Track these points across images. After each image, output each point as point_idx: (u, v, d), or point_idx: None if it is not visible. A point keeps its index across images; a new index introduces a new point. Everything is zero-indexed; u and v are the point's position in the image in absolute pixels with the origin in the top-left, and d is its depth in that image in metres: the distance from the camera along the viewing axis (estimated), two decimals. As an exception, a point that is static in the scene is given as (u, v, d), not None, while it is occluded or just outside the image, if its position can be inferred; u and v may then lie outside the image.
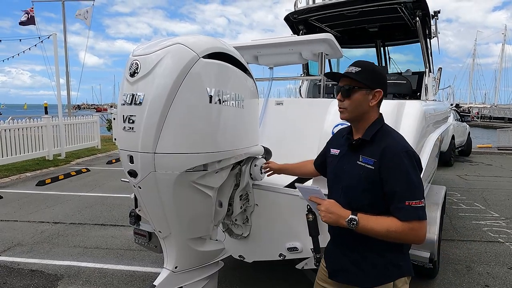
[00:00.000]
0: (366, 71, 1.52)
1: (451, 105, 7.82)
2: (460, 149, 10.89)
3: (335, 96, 1.62)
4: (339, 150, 1.65)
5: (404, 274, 1.53)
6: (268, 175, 2.27)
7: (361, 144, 1.53)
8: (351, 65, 1.55)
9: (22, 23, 13.17)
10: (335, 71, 6.13)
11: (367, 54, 6.28)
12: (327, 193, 1.66)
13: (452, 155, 9.44)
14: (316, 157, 1.97)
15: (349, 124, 1.65)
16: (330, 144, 1.77)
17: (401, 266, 1.52)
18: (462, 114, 12.70)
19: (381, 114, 1.59)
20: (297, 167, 2.13)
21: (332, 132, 2.23)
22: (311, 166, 1.98)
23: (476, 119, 37.27)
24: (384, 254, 1.49)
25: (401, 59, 6.09)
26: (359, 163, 1.49)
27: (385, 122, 1.58)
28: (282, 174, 2.29)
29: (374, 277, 1.50)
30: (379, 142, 1.48)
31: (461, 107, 38.22)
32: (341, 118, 1.60)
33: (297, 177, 2.31)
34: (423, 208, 1.39)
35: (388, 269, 1.50)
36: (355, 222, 1.40)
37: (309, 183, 2.24)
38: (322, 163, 1.86)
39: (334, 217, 1.45)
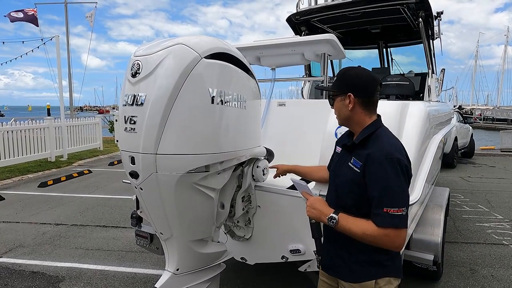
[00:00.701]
0: (338, 79, 1.62)
1: (454, 106, 7.78)
2: (463, 150, 10.83)
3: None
4: (341, 149, 1.72)
5: (389, 274, 1.55)
6: (274, 177, 2.26)
7: (353, 147, 1.57)
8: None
9: (13, 18, 12.00)
10: (337, 72, 6.11)
11: (370, 55, 6.26)
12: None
13: (455, 157, 9.38)
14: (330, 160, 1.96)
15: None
16: (337, 142, 1.83)
17: (387, 266, 1.55)
18: (465, 116, 12.64)
19: (377, 118, 1.60)
20: (311, 172, 2.10)
21: (335, 133, 2.21)
22: (325, 171, 1.96)
23: (479, 121, 37.14)
24: (369, 253, 1.52)
25: (404, 60, 6.07)
26: (350, 164, 1.54)
27: (382, 125, 1.59)
28: (284, 176, 2.28)
29: (357, 273, 1.56)
30: (367, 147, 1.50)
31: (464, 108, 38.10)
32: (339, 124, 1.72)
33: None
34: (402, 217, 1.40)
35: (370, 267, 1.54)
36: (334, 221, 1.47)
37: (311, 185, 2.22)
38: None
39: (316, 213, 1.55)
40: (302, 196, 1.69)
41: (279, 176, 2.24)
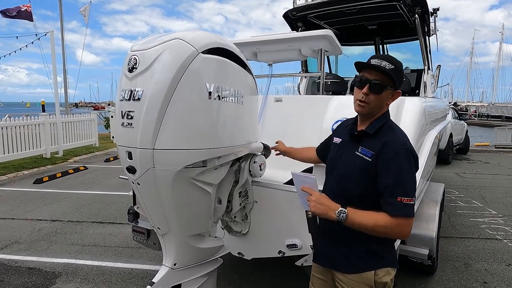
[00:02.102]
0: (398, 71, 1.49)
1: (450, 103, 7.82)
2: (458, 147, 10.91)
3: (358, 86, 1.53)
4: (341, 139, 1.69)
5: (387, 265, 1.57)
6: (276, 154, 2.33)
7: (362, 136, 1.55)
8: (381, 59, 1.48)
9: (7, 14, 11.95)
10: (334, 68, 6.11)
11: (366, 51, 6.27)
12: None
13: (450, 153, 9.45)
14: (319, 144, 2.05)
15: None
16: (335, 133, 1.83)
17: (384, 257, 1.57)
18: (460, 112, 12.72)
19: (388, 110, 1.60)
20: (299, 152, 2.20)
21: (332, 129, 2.22)
22: (313, 152, 2.07)
23: (474, 117, 37.39)
24: (367, 244, 1.54)
25: (400, 56, 6.08)
26: (357, 153, 1.52)
27: (390, 118, 1.60)
28: (281, 170, 2.29)
29: (355, 264, 1.56)
30: (381, 137, 1.50)
31: (459, 105, 38.32)
32: (358, 111, 1.58)
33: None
34: (412, 206, 1.41)
35: (370, 258, 1.55)
36: (344, 215, 1.43)
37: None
38: (324, 150, 1.93)
39: (323, 208, 1.47)
40: (301, 191, 1.58)
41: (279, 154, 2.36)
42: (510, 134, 13.64)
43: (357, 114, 1.65)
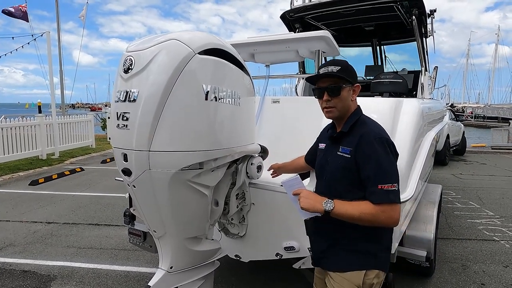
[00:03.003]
0: (346, 69, 1.59)
1: (447, 104, 7.85)
2: (454, 148, 10.95)
3: (318, 97, 1.66)
4: (325, 144, 1.76)
5: (378, 267, 1.59)
6: (273, 177, 2.31)
7: (341, 137, 1.63)
8: (326, 65, 1.61)
9: (7, 12, 12.22)
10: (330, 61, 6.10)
11: (363, 53, 6.27)
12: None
13: (447, 154, 9.48)
14: (307, 152, 2.10)
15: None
16: (319, 139, 1.91)
17: (377, 257, 1.59)
18: (457, 114, 12.78)
19: (358, 106, 1.68)
20: (290, 164, 2.24)
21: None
22: (302, 160, 2.13)
23: (470, 119, 37.59)
24: (359, 242, 1.57)
25: (397, 58, 6.09)
26: (339, 153, 1.60)
27: (363, 113, 1.67)
28: (274, 177, 2.30)
29: (345, 262, 1.60)
30: (356, 132, 1.57)
31: (455, 106, 38.54)
32: (329, 117, 1.68)
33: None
34: (396, 192, 1.46)
35: (361, 257, 1.58)
36: (330, 205, 1.48)
37: (305, 182, 2.21)
38: (312, 157, 1.96)
39: (311, 202, 1.52)
40: (293, 196, 1.62)
41: (277, 174, 2.32)
42: (507, 135, 13.72)
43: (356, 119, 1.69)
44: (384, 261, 1.62)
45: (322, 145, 1.79)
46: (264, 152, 2.30)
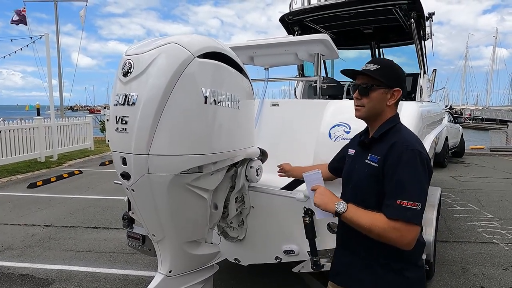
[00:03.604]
0: (384, 69, 1.48)
1: (446, 106, 7.87)
2: (453, 150, 10.97)
3: (352, 93, 1.57)
4: (354, 150, 1.65)
5: (413, 287, 1.45)
6: (279, 175, 2.25)
7: (371, 143, 1.51)
8: (368, 62, 1.52)
9: (14, 22, 12.93)
10: (330, 72, 6.12)
11: (362, 55, 6.29)
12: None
13: (446, 157, 9.49)
14: (331, 160, 1.95)
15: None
16: (348, 146, 1.78)
17: (408, 278, 1.43)
18: (455, 116, 12.82)
19: (397, 113, 1.56)
20: (304, 170, 2.01)
21: (329, 134, 2.21)
22: (324, 169, 1.92)
23: (469, 121, 37.69)
24: (388, 262, 1.42)
25: (396, 60, 6.07)
26: (366, 161, 1.48)
27: (400, 121, 1.54)
28: (278, 175, 2.27)
29: (373, 284, 1.45)
30: (388, 140, 1.45)
31: (454, 108, 38.63)
32: (357, 116, 1.57)
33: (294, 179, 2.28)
34: (416, 211, 1.30)
35: (390, 279, 1.43)
36: (343, 206, 1.39)
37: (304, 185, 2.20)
38: (338, 165, 1.83)
39: (325, 199, 1.45)
40: (311, 191, 1.55)
41: (285, 175, 2.23)
42: (505, 137, 13.75)
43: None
44: (419, 279, 1.48)
45: (351, 151, 1.67)
46: (263, 155, 2.29)
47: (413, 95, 4.74)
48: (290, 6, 4.76)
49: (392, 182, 1.35)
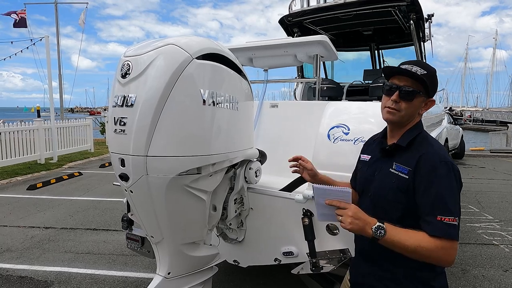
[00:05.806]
0: (431, 77, 1.37)
1: (445, 108, 7.87)
2: (453, 152, 10.96)
3: (386, 93, 1.42)
4: (370, 156, 1.54)
5: None
6: (292, 171, 1.86)
7: (395, 150, 1.41)
8: (411, 64, 1.38)
9: (16, 25, 12.96)
10: (329, 73, 6.12)
11: (361, 57, 6.29)
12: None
13: (445, 158, 9.47)
14: (351, 175, 1.74)
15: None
16: (362, 151, 1.66)
17: (434, 287, 1.38)
18: (455, 117, 12.82)
19: (420, 120, 1.47)
20: (330, 181, 1.76)
21: (328, 135, 2.20)
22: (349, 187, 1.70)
23: (469, 122, 37.69)
24: (413, 272, 1.36)
25: (395, 62, 6.11)
26: (392, 171, 1.37)
27: (424, 128, 1.46)
28: (277, 177, 2.27)
29: None
30: (416, 150, 1.36)
31: (454, 110, 38.64)
32: (387, 119, 1.43)
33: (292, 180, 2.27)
34: (455, 227, 1.24)
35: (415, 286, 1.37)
36: (382, 231, 1.23)
37: (304, 187, 2.20)
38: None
39: (360, 224, 1.25)
40: (321, 203, 1.33)
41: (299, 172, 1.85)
42: (505, 138, 13.75)
43: (385, 126, 1.52)
44: (443, 287, 1.41)
45: (365, 157, 1.56)
46: (262, 157, 2.29)
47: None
48: (289, 8, 4.77)
49: (429, 197, 1.27)
